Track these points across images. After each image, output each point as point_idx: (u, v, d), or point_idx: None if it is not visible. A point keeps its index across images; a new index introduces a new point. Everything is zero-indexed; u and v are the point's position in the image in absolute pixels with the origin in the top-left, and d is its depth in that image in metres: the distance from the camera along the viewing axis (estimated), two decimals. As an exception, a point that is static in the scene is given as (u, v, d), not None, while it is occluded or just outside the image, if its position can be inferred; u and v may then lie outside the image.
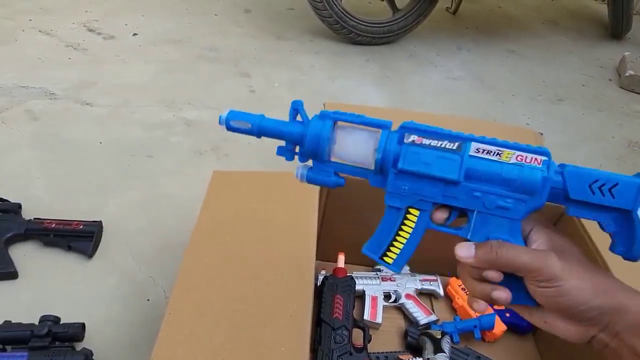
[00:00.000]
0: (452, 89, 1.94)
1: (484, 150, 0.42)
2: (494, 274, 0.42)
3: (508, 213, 0.42)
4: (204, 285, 0.67)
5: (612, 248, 0.39)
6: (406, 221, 0.45)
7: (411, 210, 0.45)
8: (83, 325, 0.83)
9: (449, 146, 0.42)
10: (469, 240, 0.44)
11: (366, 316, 0.90)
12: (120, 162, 1.29)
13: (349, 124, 0.46)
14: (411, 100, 1.83)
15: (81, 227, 1.01)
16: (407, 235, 0.46)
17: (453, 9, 2.65)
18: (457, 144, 0.42)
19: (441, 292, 0.96)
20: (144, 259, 1.03)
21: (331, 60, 2.01)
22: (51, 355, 0.76)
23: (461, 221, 0.45)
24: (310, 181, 0.48)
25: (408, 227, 0.45)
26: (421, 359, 0.82)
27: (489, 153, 0.42)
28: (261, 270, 0.70)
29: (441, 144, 0.43)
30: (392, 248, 0.47)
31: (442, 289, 0.97)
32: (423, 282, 0.96)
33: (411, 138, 0.44)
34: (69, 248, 1.01)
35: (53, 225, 1.01)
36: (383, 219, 0.47)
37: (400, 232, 0.46)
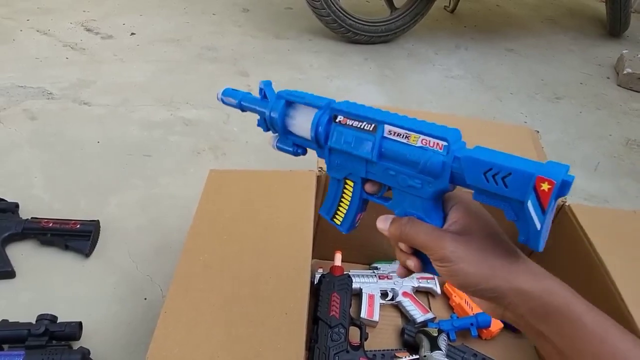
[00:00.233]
0: (451, 88, 1.94)
1: (395, 132, 0.44)
2: (403, 246, 0.46)
3: (418, 192, 0.44)
4: (201, 283, 0.67)
5: (518, 238, 0.38)
6: (345, 190, 0.51)
7: (347, 181, 0.51)
8: (80, 324, 0.83)
9: (367, 127, 0.46)
10: (395, 213, 0.47)
11: (363, 314, 0.90)
12: (118, 162, 1.29)
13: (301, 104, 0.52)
14: (410, 98, 1.83)
15: (78, 227, 1.02)
16: (348, 202, 0.52)
17: (451, 8, 2.65)
18: (373, 126, 0.45)
19: (438, 290, 0.96)
20: (142, 258, 1.03)
21: (330, 59, 2.01)
22: (48, 354, 0.76)
23: (390, 194, 0.48)
24: (279, 148, 0.55)
25: (347, 195, 0.51)
26: (418, 357, 0.82)
27: (399, 135, 0.44)
28: (258, 268, 0.70)
29: (360, 125, 0.46)
30: (339, 212, 0.53)
31: (439, 287, 0.97)
32: (420, 280, 0.97)
33: (339, 118, 0.48)
34: (66, 247, 1.01)
35: (50, 224, 1.01)
36: (329, 186, 0.53)
37: (342, 199, 0.52)
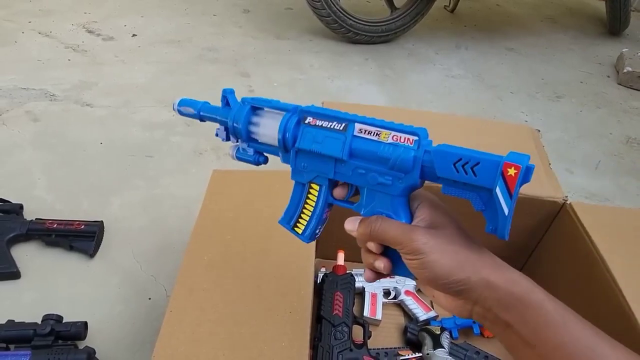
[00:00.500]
0: (451, 87, 1.95)
1: (366, 130, 0.45)
2: (372, 246, 0.46)
3: (388, 189, 0.45)
4: (205, 283, 0.67)
5: (486, 228, 0.40)
6: (309, 195, 0.51)
7: (313, 185, 0.50)
8: (85, 324, 0.83)
9: (337, 127, 0.46)
10: (361, 214, 0.47)
11: (366, 313, 0.90)
12: (121, 163, 1.30)
13: (268, 109, 0.51)
14: (410, 98, 1.83)
15: (83, 227, 1.02)
16: (312, 208, 0.51)
17: (451, 7, 2.65)
18: (344, 125, 0.46)
19: (440, 289, 0.97)
20: (146, 258, 1.03)
21: (330, 59, 2.02)
22: (54, 353, 0.77)
23: (358, 197, 0.49)
24: (239, 159, 0.54)
25: (311, 201, 0.51)
26: (421, 355, 0.82)
27: (370, 133, 0.45)
28: (261, 268, 0.70)
29: (330, 125, 0.47)
30: (301, 220, 0.52)
31: (442, 286, 0.97)
32: (422, 279, 0.97)
33: (308, 119, 0.48)
34: (71, 248, 1.01)
35: (55, 225, 1.02)
36: (292, 193, 0.52)
37: (306, 205, 0.51)
